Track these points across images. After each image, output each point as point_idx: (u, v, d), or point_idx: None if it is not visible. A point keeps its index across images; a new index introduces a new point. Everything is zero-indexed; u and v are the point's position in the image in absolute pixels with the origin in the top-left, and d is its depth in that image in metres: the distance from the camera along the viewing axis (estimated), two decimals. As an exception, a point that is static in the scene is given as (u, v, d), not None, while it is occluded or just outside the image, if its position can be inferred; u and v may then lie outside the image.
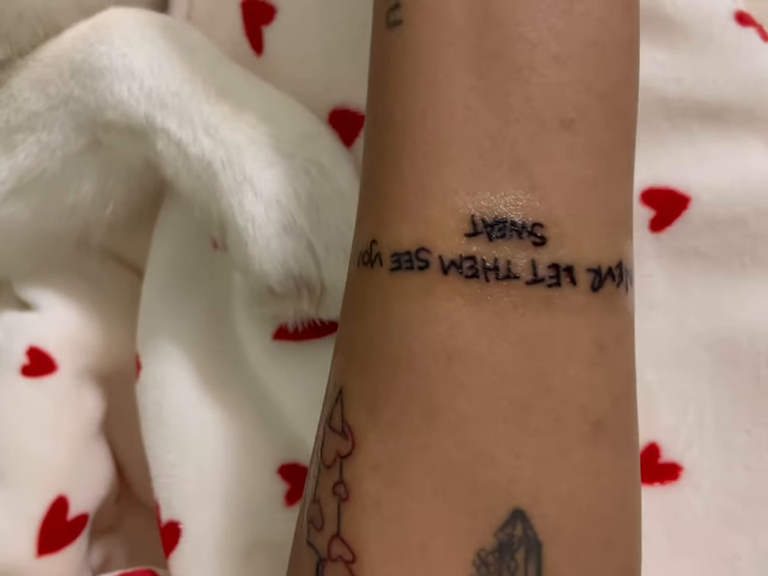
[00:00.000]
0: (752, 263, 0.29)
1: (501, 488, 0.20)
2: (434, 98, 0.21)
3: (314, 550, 0.20)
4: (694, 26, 0.30)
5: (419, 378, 0.20)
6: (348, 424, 0.21)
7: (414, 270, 0.20)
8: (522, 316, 0.20)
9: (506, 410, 0.20)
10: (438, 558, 0.20)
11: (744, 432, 0.28)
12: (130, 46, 0.31)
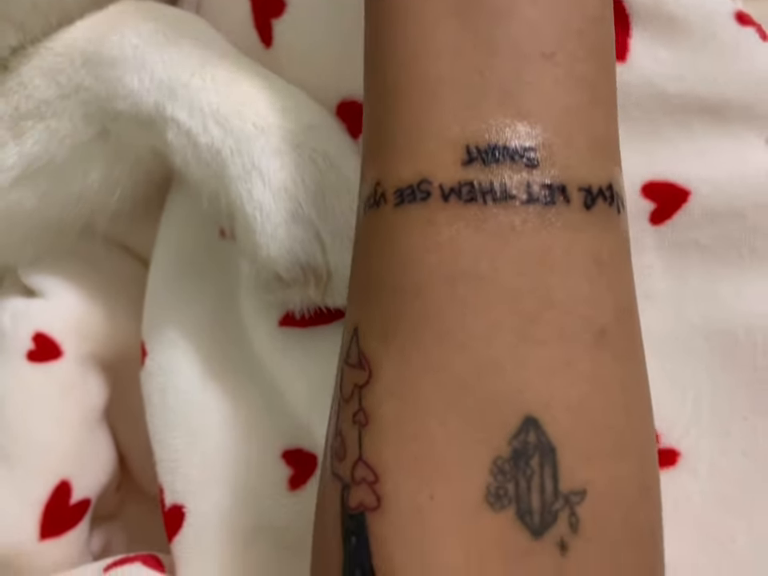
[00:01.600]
0: (750, 255, 0.30)
1: (511, 398, 0.21)
2: (423, 41, 0.23)
3: (339, 478, 0.21)
4: (696, 25, 0.30)
5: (426, 302, 0.21)
6: (364, 355, 0.22)
7: (417, 201, 0.22)
8: (520, 234, 0.21)
9: (511, 324, 0.21)
10: (456, 469, 0.20)
11: (741, 419, 0.29)
12: (141, 37, 0.31)
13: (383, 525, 0.20)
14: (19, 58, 0.34)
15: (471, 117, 0.22)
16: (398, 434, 0.21)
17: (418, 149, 0.22)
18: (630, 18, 0.31)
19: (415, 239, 0.22)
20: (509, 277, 0.21)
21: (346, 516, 0.21)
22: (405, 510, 0.20)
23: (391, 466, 0.21)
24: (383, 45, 0.24)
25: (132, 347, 0.39)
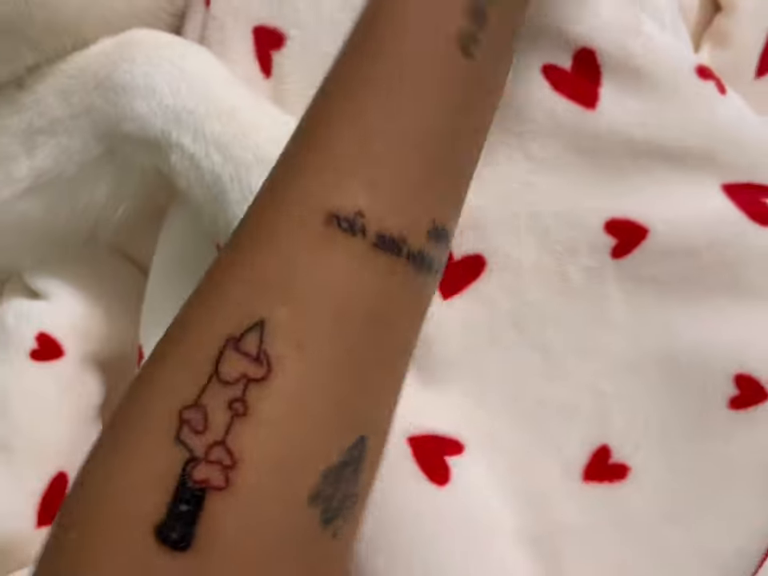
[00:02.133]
0: (701, 290, 0.33)
1: (358, 423, 0.24)
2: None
3: (186, 448, 0.22)
4: (661, 77, 0.33)
5: (344, 323, 0.23)
6: (267, 353, 0.23)
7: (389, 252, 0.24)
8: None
9: None
10: (300, 472, 0.23)
11: (685, 439, 0.32)
12: (151, 65, 0.34)
13: (224, 502, 0.22)
14: (34, 76, 0.37)
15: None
16: (273, 432, 0.23)
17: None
18: (601, 68, 0.33)
19: (370, 279, 0.24)
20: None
21: (183, 485, 0.22)
22: (250, 493, 0.22)
23: (254, 456, 0.22)
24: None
25: (128, 349, 0.41)
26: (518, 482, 0.33)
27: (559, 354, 0.33)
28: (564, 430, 0.33)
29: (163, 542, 0.22)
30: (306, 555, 0.24)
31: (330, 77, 0.27)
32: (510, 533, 0.32)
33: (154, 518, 0.22)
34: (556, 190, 0.33)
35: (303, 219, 0.24)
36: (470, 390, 0.34)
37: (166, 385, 0.23)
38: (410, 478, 0.32)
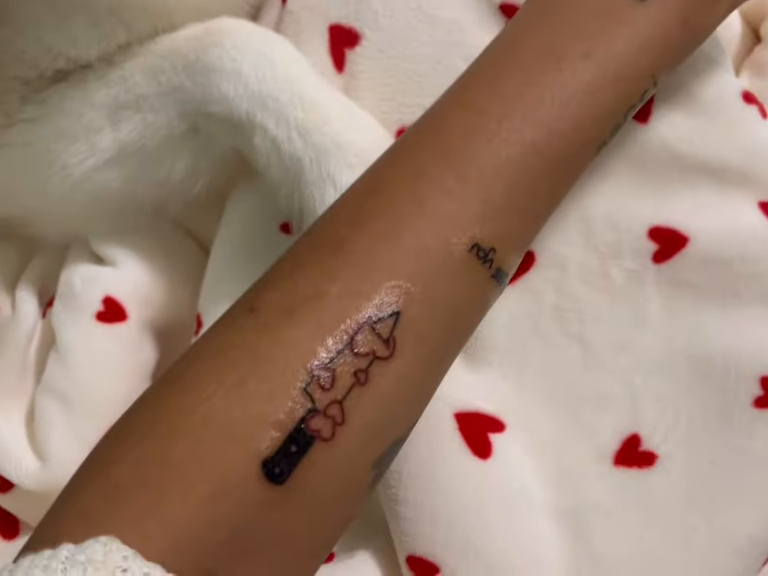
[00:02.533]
0: (733, 298, 0.35)
1: (421, 410, 0.30)
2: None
3: (311, 399, 0.26)
4: (708, 99, 0.36)
5: (455, 333, 0.29)
6: (395, 339, 0.27)
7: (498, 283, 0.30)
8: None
9: None
10: (380, 442, 0.27)
11: (710, 432, 0.35)
12: (239, 51, 0.36)
13: (323, 452, 0.25)
14: (124, 55, 0.39)
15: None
16: (379, 403, 0.27)
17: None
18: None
19: (479, 301, 0.29)
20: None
21: (299, 430, 0.25)
22: (342, 449, 0.26)
23: (357, 420, 0.26)
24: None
25: (184, 319, 0.43)
26: (552, 461, 0.35)
27: (597, 347, 0.36)
28: (598, 417, 0.35)
29: (265, 473, 0.25)
30: (351, 509, 0.28)
31: (489, 120, 0.30)
32: (543, 506, 0.35)
33: (265, 452, 0.25)
34: (605, 194, 0.36)
35: (450, 242, 0.28)
36: (511, 374, 0.36)
37: (303, 342, 0.26)
38: (456, 451, 0.34)
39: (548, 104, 0.29)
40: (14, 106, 0.40)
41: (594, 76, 0.29)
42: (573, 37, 0.30)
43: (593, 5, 0.30)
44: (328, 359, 0.26)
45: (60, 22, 0.38)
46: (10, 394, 0.43)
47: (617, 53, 0.30)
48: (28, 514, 0.43)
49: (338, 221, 0.29)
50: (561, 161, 0.29)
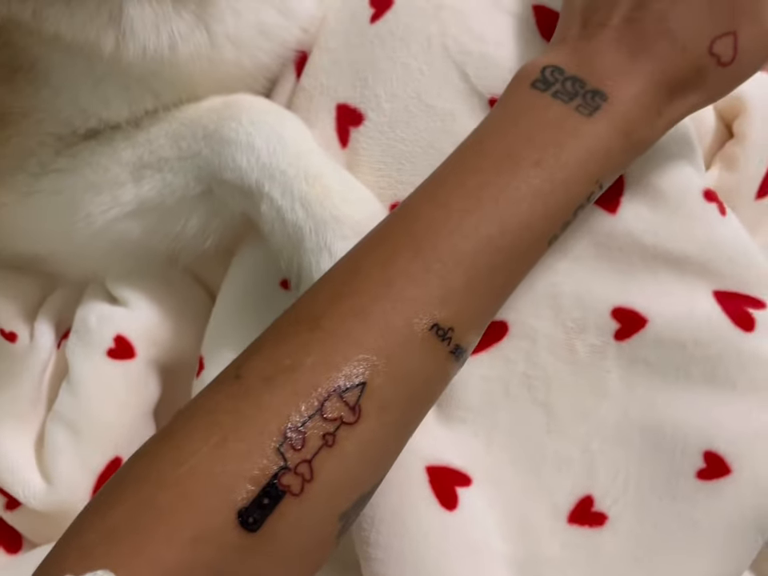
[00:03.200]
0: (684, 377, 0.39)
1: (385, 470, 0.33)
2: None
3: (283, 459, 0.29)
4: (672, 195, 0.40)
5: (414, 404, 0.33)
6: (360, 407, 0.30)
7: (456, 358, 0.34)
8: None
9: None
10: (346, 497, 0.31)
11: (657, 499, 0.38)
12: (254, 126, 0.41)
13: (292, 506, 0.29)
14: (150, 119, 0.43)
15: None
16: (344, 464, 0.30)
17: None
18: (625, 181, 0.40)
19: (439, 374, 0.33)
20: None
21: (271, 485, 0.29)
22: (310, 503, 0.29)
23: (324, 478, 0.30)
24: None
25: (186, 359, 0.47)
26: (514, 515, 0.39)
27: (560, 414, 0.39)
28: (557, 478, 0.39)
29: (240, 522, 0.29)
30: (319, 557, 0.32)
31: (452, 213, 0.34)
32: (503, 557, 0.38)
33: (240, 503, 0.29)
34: (575, 275, 0.40)
35: (413, 321, 0.32)
36: (480, 433, 0.40)
37: (280, 404, 0.30)
38: (425, 501, 0.38)
39: (502, 204, 0.33)
40: (48, 157, 0.44)
41: (544, 181, 0.34)
42: (527, 145, 0.34)
43: (546, 118, 0.35)
44: (300, 423, 0.30)
45: (95, 85, 0.42)
46: (22, 418, 0.46)
47: (565, 162, 0.34)
48: (31, 531, 0.46)
49: (318, 297, 0.33)
50: (514, 253, 0.34)
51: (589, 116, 0.34)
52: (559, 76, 0.35)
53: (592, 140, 0.34)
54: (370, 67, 0.43)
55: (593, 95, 0.35)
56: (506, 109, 0.36)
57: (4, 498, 0.45)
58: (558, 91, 0.35)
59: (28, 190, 0.44)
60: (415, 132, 0.42)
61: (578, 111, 0.34)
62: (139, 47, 0.39)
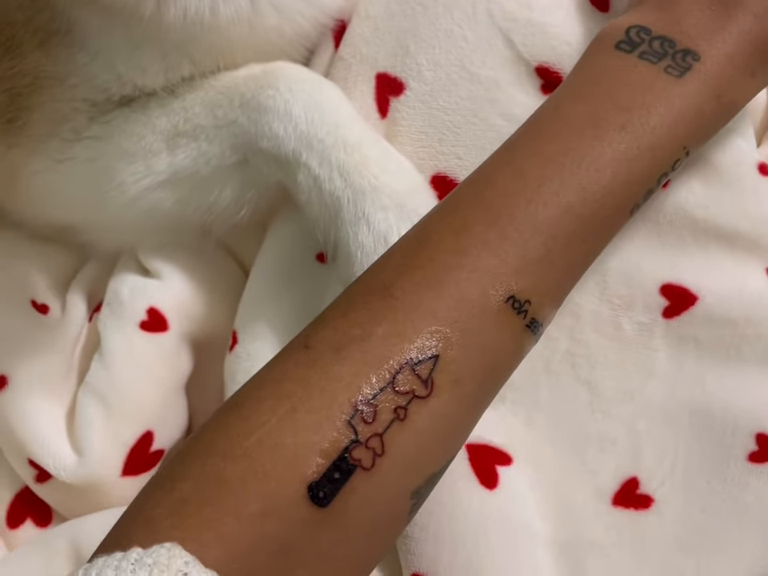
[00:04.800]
0: (736, 356, 0.38)
1: (458, 446, 0.32)
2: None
3: (354, 432, 0.28)
4: (726, 169, 0.38)
5: (488, 378, 0.31)
6: (433, 380, 0.29)
7: (532, 333, 0.32)
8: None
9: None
10: (418, 473, 0.30)
11: (705, 482, 0.37)
12: (292, 94, 0.39)
13: (363, 480, 0.28)
14: (186, 86, 0.42)
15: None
16: (416, 439, 0.29)
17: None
18: (676, 154, 0.38)
19: (514, 349, 0.32)
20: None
21: (342, 458, 0.28)
22: (380, 478, 0.28)
23: (396, 453, 0.29)
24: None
25: (219, 334, 0.46)
26: (554, 496, 0.38)
27: (604, 393, 0.38)
28: (600, 458, 0.38)
29: (310, 496, 0.28)
30: (391, 534, 0.31)
31: (530, 179, 0.32)
32: (542, 539, 0.37)
33: (311, 477, 0.28)
34: (623, 250, 0.38)
35: (488, 293, 0.30)
36: (522, 411, 0.39)
37: (350, 376, 0.29)
38: (465, 479, 0.37)
39: (584, 170, 0.31)
40: (82, 124, 0.44)
41: (629, 147, 0.32)
42: (611, 109, 0.32)
43: (632, 79, 0.33)
44: (371, 395, 0.29)
45: (132, 51, 0.41)
46: (54, 391, 0.46)
47: (652, 126, 0.32)
48: (61, 504, 0.46)
49: (388, 267, 0.32)
50: (595, 223, 0.32)
51: (679, 77, 0.33)
52: (646, 36, 0.34)
53: (682, 102, 0.32)
54: (411, 35, 0.42)
55: (684, 55, 0.33)
56: (586, 71, 0.35)
57: (34, 471, 0.45)
58: (644, 52, 0.33)
59: (61, 156, 0.44)
60: (458, 101, 0.40)
61: (667, 72, 0.33)
62: (180, 10, 0.38)
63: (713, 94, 0.33)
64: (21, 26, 0.41)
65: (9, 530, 0.46)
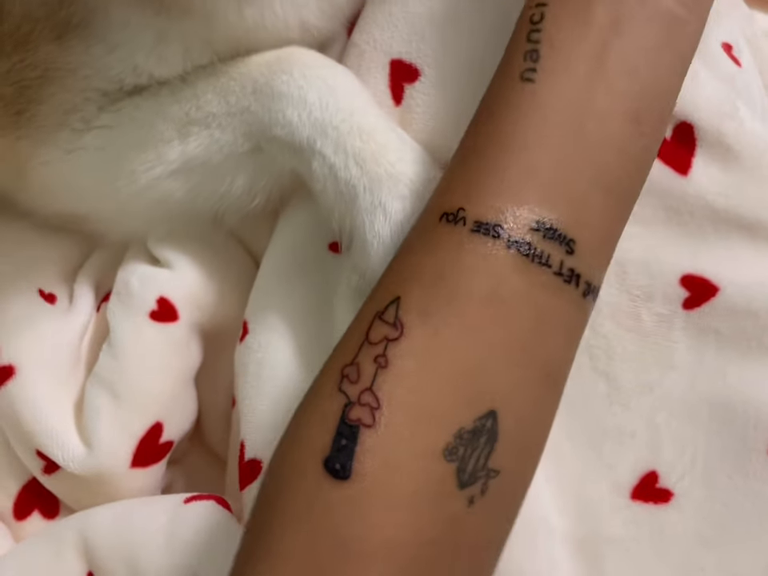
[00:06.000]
0: (757, 348, 0.37)
1: (487, 393, 0.29)
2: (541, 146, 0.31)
3: (344, 395, 0.29)
4: (747, 156, 0.38)
5: (464, 304, 0.30)
6: (401, 320, 0.30)
7: (489, 236, 0.30)
8: (542, 289, 0.30)
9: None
10: (435, 422, 0.29)
11: (726, 477, 0.36)
12: (306, 80, 0.39)
13: (372, 438, 0.28)
14: (197, 73, 0.42)
15: (547, 206, 0.31)
16: (405, 383, 0.29)
17: (507, 204, 0.31)
18: (697, 142, 0.38)
19: (479, 260, 0.30)
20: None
21: (342, 422, 0.28)
22: (391, 433, 0.28)
23: (393, 402, 0.28)
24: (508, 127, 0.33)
25: (231, 323, 0.46)
26: (572, 491, 0.37)
27: (623, 385, 0.38)
28: (618, 452, 0.37)
29: (329, 471, 0.28)
30: (440, 508, 0.28)
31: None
32: (560, 534, 0.36)
33: (323, 453, 0.28)
34: (642, 240, 0.38)
35: (425, 222, 0.31)
36: None
37: (335, 354, 0.30)
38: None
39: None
40: (92, 113, 0.43)
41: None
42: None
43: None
44: (352, 357, 0.30)
45: (155, 45, 0.40)
46: (62, 382, 0.45)
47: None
48: (69, 496, 0.45)
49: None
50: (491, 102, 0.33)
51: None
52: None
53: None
54: (426, 21, 0.41)
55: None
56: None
57: (42, 462, 0.44)
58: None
59: (71, 146, 0.43)
60: (474, 88, 0.40)
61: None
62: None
63: None
64: (40, 22, 0.40)
65: (16, 521, 0.45)
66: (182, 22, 0.38)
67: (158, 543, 0.39)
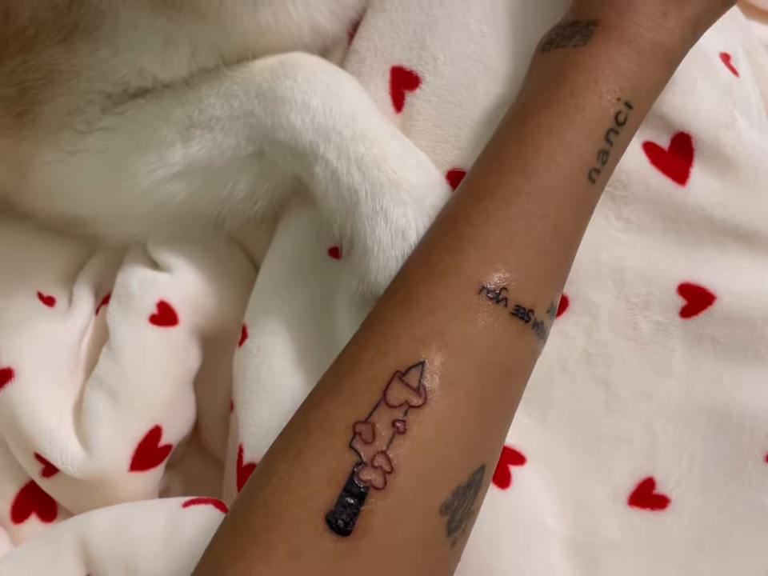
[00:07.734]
0: (753, 357, 0.37)
1: (481, 452, 0.31)
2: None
3: (357, 454, 0.29)
4: (745, 167, 0.38)
5: (487, 374, 0.31)
6: (425, 387, 0.29)
7: (523, 320, 0.32)
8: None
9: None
10: (437, 485, 0.29)
11: (722, 483, 0.36)
12: (310, 85, 0.39)
13: (380, 500, 0.28)
14: (201, 77, 0.42)
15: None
16: (421, 447, 0.29)
17: (542, 289, 0.32)
18: (695, 152, 0.38)
19: (509, 339, 0.31)
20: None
21: (351, 481, 0.28)
22: (398, 495, 0.28)
23: (406, 466, 0.29)
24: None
25: (228, 328, 0.46)
26: (569, 496, 0.37)
27: (620, 392, 0.38)
28: (616, 458, 0.37)
29: (330, 527, 0.28)
30: (430, 556, 0.30)
31: (476, 181, 0.34)
32: (556, 538, 0.37)
33: (325, 507, 0.28)
34: (639, 248, 0.38)
35: (458, 290, 0.31)
36: (536, 411, 0.38)
37: (344, 403, 0.30)
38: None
39: (521, 152, 0.33)
40: (95, 115, 0.43)
41: (557, 117, 0.33)
42: (536, 95, 0.35)
43: (550, 66, 0.35)
44: (366, 415, 0.29)
45: (163, 48, 0.40)
46: (61, 385, 0.45)
47: (571, 91, 0.34)
48: (68, 499, 0.45)
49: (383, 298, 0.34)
50: (548, 195, 0.33)
51: (584, 45, 0.35)
52: (560, 30, 0.36)
53: (593, 61, 0.34)
54: (428, 28, 0.41)
55: (587, 26, 0.35)
56: (523, 81, 0.37)
57: (41, 465, 0.44)
58: (559, 43, 0.36)
59: (73, 148, 0.43)
60: (474, 96, 0.40)
61: (575, 46, 0.35)
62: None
63: (620, 42, 0.34)
64: (47, 24, 0.40)
65: (14, 524, 0.45)
66: (192, 25, 0.38)
67: (157, 547, 0.39)
